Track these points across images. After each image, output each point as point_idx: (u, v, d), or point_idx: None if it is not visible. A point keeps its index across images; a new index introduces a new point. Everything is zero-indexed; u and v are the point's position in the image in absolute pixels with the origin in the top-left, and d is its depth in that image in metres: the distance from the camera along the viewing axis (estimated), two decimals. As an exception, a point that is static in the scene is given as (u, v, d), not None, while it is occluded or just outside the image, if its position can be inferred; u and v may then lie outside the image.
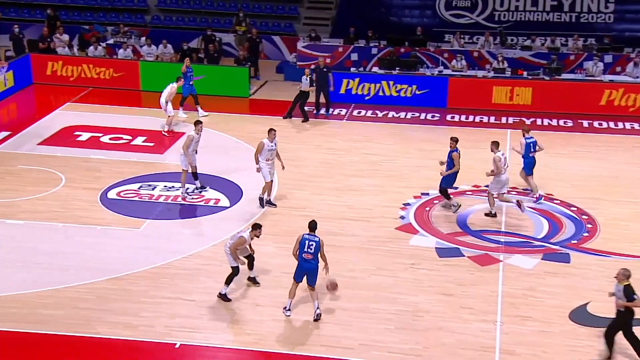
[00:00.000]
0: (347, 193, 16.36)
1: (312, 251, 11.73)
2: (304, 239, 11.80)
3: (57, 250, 13.55)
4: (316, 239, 11.79)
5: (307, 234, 11.85)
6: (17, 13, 27.22)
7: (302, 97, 20.44)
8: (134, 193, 15.98)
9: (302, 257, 11.78)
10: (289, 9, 27.59)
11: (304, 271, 11.86)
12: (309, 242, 11.75)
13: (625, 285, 10.61)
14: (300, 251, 11.80)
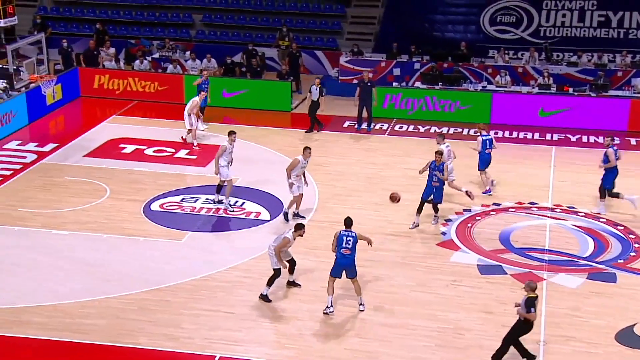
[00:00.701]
0: (387, 208, 16.29)
1: (350, 246, 12.06)
2: (341, 235, 12.14)
3: (101, 261, 13.76)
4: (353, 234, 12.15)
5: (344, 231, 12.20)
6: (65, 27, 27.91)
7: (314, 107, 20.57)
8: (176, 205, 16.18)
9: (341, 253, 12.09)
10: (332, 24, 27.75)
11: (342, 267, 12.16)
12: (346, 238, 12.09)
13: (528, 297, 10.80)
14: (338, 247, 12.10)
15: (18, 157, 18.50)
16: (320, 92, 20.44)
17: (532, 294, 10.86)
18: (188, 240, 14.75)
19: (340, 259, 12.17)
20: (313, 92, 20.47)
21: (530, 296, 10.84)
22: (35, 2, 28.77)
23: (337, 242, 12.15)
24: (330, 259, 13.99)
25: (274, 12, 27.99)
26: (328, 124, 21.07)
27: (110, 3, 28.64)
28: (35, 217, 15.41)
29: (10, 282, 13.07)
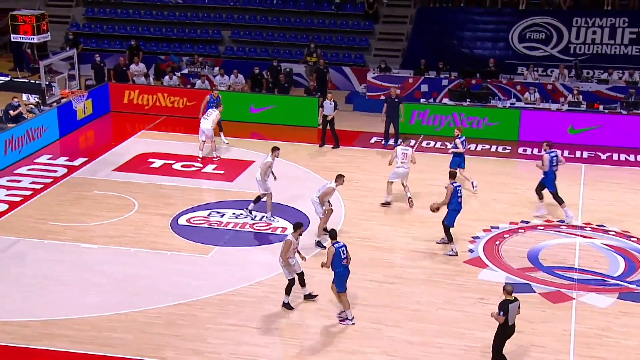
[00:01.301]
0: (413, 224, 16.25)
1: (346, 255, 12.31)
2: (337, 249, 12.24)
3: (128, 274, 13.89)
4: (343, 243, 12.38)
5: (335, 243, 12.28)
6: (97, 44, 28.35)
7: (328, 121, 20.58)
8: (203, 220, 16.29)
9: (343, 265, 12.24)
10: (360, 41, 27.86)
11: (346, 278, 12.29)
12: (342, 250, 12.26)
13: (502, 300, 10.92)
14: (337, 261, 12.19)
15: (49, 171, 18.79)
16: (335, 105, 20.52)
17: (509, 297, 10.93)
18: (215, 255, 14.83)
19: (344, 270, 12.32)
20: (326, 107, 20.55)
21: (505, 299, 10.92)
22: (68, 18, 29.30)
23: (335, 257, 12.19)
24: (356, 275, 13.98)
25: (302, 28, 28.19)
26: (355, 140, 21.10)
27: (141, 19, 29.06)
28: (65, 230, 15.62)
29: (40, 295, 13.24)
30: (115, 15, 29.24)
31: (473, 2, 27.55)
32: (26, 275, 13.84)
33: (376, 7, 28.17)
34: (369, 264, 14.60)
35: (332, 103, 20.51)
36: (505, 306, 10.82)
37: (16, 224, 15.83)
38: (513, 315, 10.96)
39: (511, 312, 10.88)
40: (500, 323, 10.87)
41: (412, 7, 28.28)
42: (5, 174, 18.42)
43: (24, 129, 19.72)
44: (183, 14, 28.93)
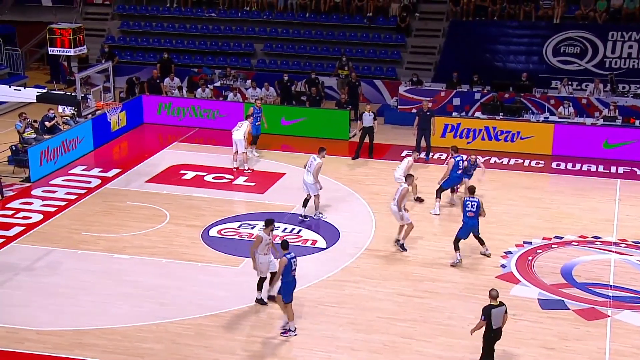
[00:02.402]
0: (445, 238, 16.12)
1: (295, 267, 12.34)
2: (289, 260, 12.32)
3: (159, 285, 13.99)
4: (294, 254, 12.37)
5: (287, 254, 12.31)
6: (131, 56, 28.76)
7: (367, 133, 20.52)
8: (234, 231, 16.36)
9: (292, 276, 12.33)
10: (392, 54, 27.87)
11: (293, 289, 12.38)
12: (293, 261, 12.31)
13: (485, 306, 11.14)
14: (287, 272, 12.26)
15: (83, 182, 19.05)
16: (374, 117, 20.50)
17: (494, 302, 11.11)
18: (245, 267, 14.86)
19: (293, 281, 12.40)
20: (365, 119, 20.54)
21: (489, 304, 11.12)
22: (104, 31, 29.79)
23: (286, 267, 12.29)
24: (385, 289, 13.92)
25: (334, 41, 28.28)
26: (386, 153, 21.05)
27: (174, 32, 29.44)
28: (98, 240, 15.81)
29: (72, 304, 13.39)
30: (150, 28, 29.66)
31: (507, 16, 27.40)
32: (60, 284, 14.02)
33: (408, 21, 28.17)
34: (398, 277, 14.52)
35: (371, 114, 20.50)
36: (487, 311, 11.13)
37: (50, 234, 16.07)
38: (497, 320, 11.16)
39: (494, 317, 11.11)
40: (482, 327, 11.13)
41: (445, 21, 28.21)
42: (41, 185, 18.72)
43: (59, 140, 20.05)
44: (216, 27, 29.24)
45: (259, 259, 13.07)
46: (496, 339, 11.28)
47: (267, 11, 29.22)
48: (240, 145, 19.67)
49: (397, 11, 28.36)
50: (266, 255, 13.07)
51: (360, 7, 28.73)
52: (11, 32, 28.80)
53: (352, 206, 17.81)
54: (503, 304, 11.26)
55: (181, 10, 29.76)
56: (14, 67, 27.06)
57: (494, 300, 11.17)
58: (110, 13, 30.41)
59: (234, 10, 29.48)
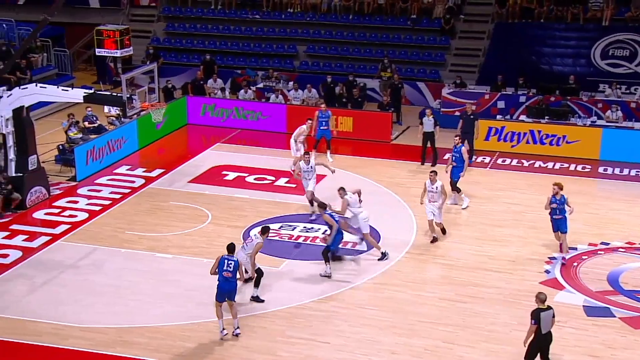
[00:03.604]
0: (488, 243, 15.94)
1: (232, 269, 12.33)
2: (222, 258, 12.39)
3: (201, 285, 14.07)
4: (235, 259, 12.42)
5: (226, 255, 12.40)
6: (176, 57, 29.08)
7: (428, 138, 20.32)
8: (274, 233, 16.39)
9: (223, 276, 12.35)
10: (436, 56, 27.66)
11: (225, 291, 12.36)
12: (227, 261, 12.34)
13: (534, 309, 11.02)
14: (219, 271, 12.32)
15: (127, 182, 19.33)
16: (434, 122, 20.28)
17: (542, 305, 10.97)
18: (285, 268, 14.90)
19: (223, 282, 12.38)
20: (426, 124, 20.34)
21: (538, 307, 10.97)
22: (149, 33, 30.22)
23: (219, 266, 12.33)
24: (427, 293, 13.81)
25: (377, 43, 28.19)
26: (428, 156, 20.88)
27: (218, 34, 29.70)
28: (141, 240, 16.01)
29: (116, 302, 13.59)
30: (194, 30, 29.97)
31: (554, 18, 26.96)
32: (104, 283, 14.24)
33: (453, 23, 27.93)
34: (440, 281, 14.39)
35: (431, 119, 20.30)
36: (537, 315, 10.95)
37: (95, 233, 16.34)
38: (546, 323, 10.98)
39: (544, 321, 10.92)
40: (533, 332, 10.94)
41: (490, 23, 27.89)
42: (87, 184, 19.05)
43: (105, 140, 20.39)
44: (260, 29, 29.40)
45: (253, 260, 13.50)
46: (546, 343, 11.13)
47: (310, 13, 29.28)
48: (292, 149, 19.57)
49: (442, 13, 28.14)
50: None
51: (405, 8, 28.58)
52: (60, 33, 29.39)
53: (393, 209, 17.71)
54: (551, 307, 11.13)
55: (225, 12, 30.02)
56: (62, 67, 27.61)
57: (542, 304, 11.03)
58: (156, 15, 30.82)
59: (277, 12, 29.61)
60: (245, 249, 13.54)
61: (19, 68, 24.14)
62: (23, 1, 30.86)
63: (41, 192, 17.87)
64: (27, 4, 30.55)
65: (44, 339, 12.41)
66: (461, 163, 17.60)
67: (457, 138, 18.11)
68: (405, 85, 25.28)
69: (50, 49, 27.41)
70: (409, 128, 23.74)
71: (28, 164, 17.60)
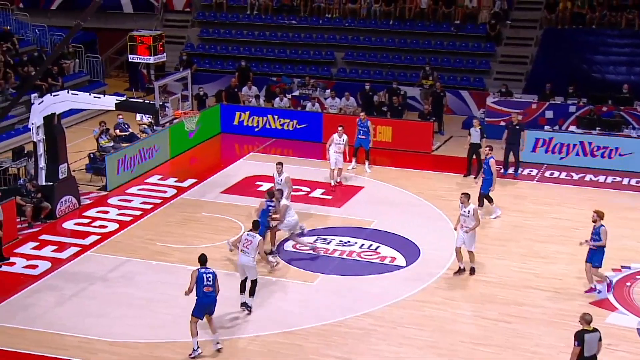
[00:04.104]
0: (534, 260, 15.79)
1: (211, 283, 12.31)
2: (200, 273, 12.31)
3: (232, 299, 14.19)
4: (211, 271, 12.38)
5: (201, 268, 12.37)
6: (210, 64, 29.45)
7: (475, 150, 20.22)
8: (309, 246, 16.48)
9: (203, 292, 12.28)
10: (480, 63, 27.55)
11: (206, 306, 12.32)
12: (206, 276, 12.28)
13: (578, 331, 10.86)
14: (199, 286, 12.31)
15: (159, 192, 19.60)
16: (481, 134, 20.19)
17: (587, 327, 10.82)
18: (320, 283, 14.95)
19: (203, 298, 12.33)
20: (473, 135, 20.27)
21: (582, 329, 10.81)
22: (183, 39, 30.65)
23: (197, 282, 12.25)
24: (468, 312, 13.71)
25: (419, 50, 28.18)
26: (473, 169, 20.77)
27: (254, 40, 29.98)
28: (173, 252, 16.22)
29: (146, 316, 13.77)
30: (229, 36, 30.29)
31: (607, 24, 26.66)
32: (134, 296, 14.45)
33: (499, 29, 27.80)
34: (482, 300, 14.30)
35: (478, 130, 20.22)
36: (581, 336, 10.81)
37: (125, 244, 16.59)
38: (591, 346, 10.82)
39: (588, 343, 10.78)
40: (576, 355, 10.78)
41: (538, 29, 27.70)
42: (117, 193, 19.38)
43: (136, 148, 20.72)
44: (297, 35, 29.64)
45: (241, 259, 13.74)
46: None
47: (349, 18, 29.42)
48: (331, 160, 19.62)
49: (487, 18, 28.03)
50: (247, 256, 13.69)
51: (448, 14, 28.55)
52: (92, 39, 30.01)
53: (433, 223, 17.66)
54: (597, 330, 10.96)
55: (261, 18, 30.30)
56: (94, 74, 28.13)
57: (587, 325, 10.89)
58: (191, 20, 31.25)
59: (315, 17, 29.81)
60: (248, 253, 13.63)
61: (51, 74, 24.73)
62: (56, 6, 31.58)
63: (71, 201, 18.23)
64: (60, 9, 31.29)
65: (71, 352, 12.62)
66: (490, 175, 17.47)
67: (487, 149, 18.00)
68: (448, 94, 25.22)
69: (82, 55, 27.98)
70: (451, 138, 23.66)
71: (58, 172, 17.97)
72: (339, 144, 19.63)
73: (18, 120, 23.23)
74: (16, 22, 28.14)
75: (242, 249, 13.76)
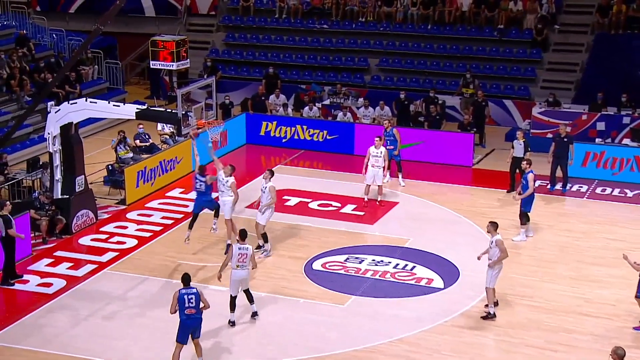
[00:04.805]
0: (584, 283, 15.62)
1: (194, 304, 12.21)
2: (181, 294, 12.21)
3: (259, 321, 14.20)
4: (194, 291, 12.28)
5: (182, 289, 12.30)
6: (236, 71, 29.69)
7: (518, 164, 20.07)
8: (340, 265, 16.45)
9: (185, 314, 12.17)
10: (526, 71, 27.41)
11: (189, 329, 12.24)
12: (187, 297, 12.18)
13: None
14: (180, 309, 12.18)
15: (180, 206, 19.74)
16: (525, 147, 20.06)
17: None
18: (351, 305, 14.91)
19: (186, 320, 12.19)
20: (516, 148, 20.14)
21: None
22: (207, 44, 30.94)
23: (178, 303, 12.15)
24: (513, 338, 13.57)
25: (459, 56, 28.13)
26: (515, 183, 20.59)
27: (282, 46, 30.13)
28: (194, 270, 16.22)
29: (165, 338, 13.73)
30: (257, 41, 30.48)
31: (666, 27, 26.41)
32: (154, 317, 14.51)
33: (546, 34, 27.65)
34: (528, 326, 14.16)
35: (522, 143, 20.09)
36: None
37: (144, 262, 16.71)
38: None
39: None
40: None
41: (589, 34, 27.51)
42: (137, 207, 19.55)
43: (157, 160, 20.90)
44: (328, 40, 29.76)
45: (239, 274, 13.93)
46: None
47: (384, 22, 29.48)
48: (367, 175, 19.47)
49: (533, 23, 27.90)
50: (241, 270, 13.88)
51: (491, 18, 28.48)
52: (112, 44, 30.37)
53: (473, 241, 17.53)
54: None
55: (290, 22, 30.49)
56: (114, 81, 28.49)
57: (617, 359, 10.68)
58: (215, 24, 31.54)
59: (347, 21, 29.91)
60: (245, 267, 13.90)
61: (68, 81, 25.12)
62: (74, 9, 32.06)
63: (88, 216, 18.43)
64: (79, 12, 31.79)
65: (86, 376, 12.75)
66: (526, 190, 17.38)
67: (525, 163, 17.80)
68: (490, 103, 25.12)
69: (101, 61, 28.39)
70: (494, 151, 23.53)
71: (75, 185, 18.18)
72: (376, 157, 19.43)
73: (33, 130, 23.62)
74: (33, 26, 28.67)
75: (238, 264, 13.88)
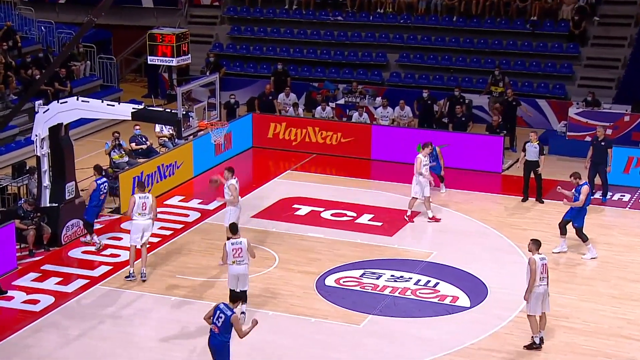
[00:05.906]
0: (627, 303, 15.56)
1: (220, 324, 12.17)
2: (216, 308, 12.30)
3: (265, 341, 14.22)
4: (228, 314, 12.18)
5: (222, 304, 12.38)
6: (241, 67, 29.76)
7: (531, 169, 20.00)
8: (355, 281, 16.45)
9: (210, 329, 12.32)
10: (561, 67, 27.38)
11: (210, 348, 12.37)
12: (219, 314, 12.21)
13: None
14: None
15: (180, 215, 19.80)
16: (540, 150, 20.05)
17: None
18: (368, 325, 14.91)
19: (210, 336, 12.31)
20: (529, 151, 20.11)
21: None
22: (210, 38, 31.05)
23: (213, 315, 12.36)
24: None
25: (487, 51, 28.15)
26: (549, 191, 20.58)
27: (293, 39, 30.17)
28: (194, 285, 16.31)
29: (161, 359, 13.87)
30: (264, 34, 30.51)
31: None
32: (149, 337, 14.58)
33: (584, 27, 27.62)
34: (564, 349, 14.14)
35: (536, 146, 20.06)
36: None
37: (140, 275, 16.77)
38: None
39: None
40: None
41: (633, 26, 27.47)
42: (132, 216, 19.58)
43: (154, 165, 20.97)
44: (342, 34, 29.82)
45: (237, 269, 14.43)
46: None
47: (404, 14, 29.52)
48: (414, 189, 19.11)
49: (570, 14, 27.88)
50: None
51: (523, 9, 28.49)
52: (106, 37, 30.45)
53: (503, 256, 17.51)
54: None
55: (302, 14, 30.57)
56: (108, 78, 28.58)
57: None
58: (219, 16, 31.68)
59: (364, 13, 29.96)
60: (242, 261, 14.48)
61: (58, 78, 25.24)
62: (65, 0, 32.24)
63: (79, 226, 18.49)
64: (69, 3, 31.96)
65: (76, 401, 12.80)
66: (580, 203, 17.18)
67: (573, 178, 17.46)
68: (522, 103, 25.09)
69: (94, 56, 28.51)
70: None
71: (65, 192, 18.23)
72: (426, 166, 18.97)
73: (19, 131, 23.77)
74: (19, 17, 28.83)
75: (234, 260, 14.35)
